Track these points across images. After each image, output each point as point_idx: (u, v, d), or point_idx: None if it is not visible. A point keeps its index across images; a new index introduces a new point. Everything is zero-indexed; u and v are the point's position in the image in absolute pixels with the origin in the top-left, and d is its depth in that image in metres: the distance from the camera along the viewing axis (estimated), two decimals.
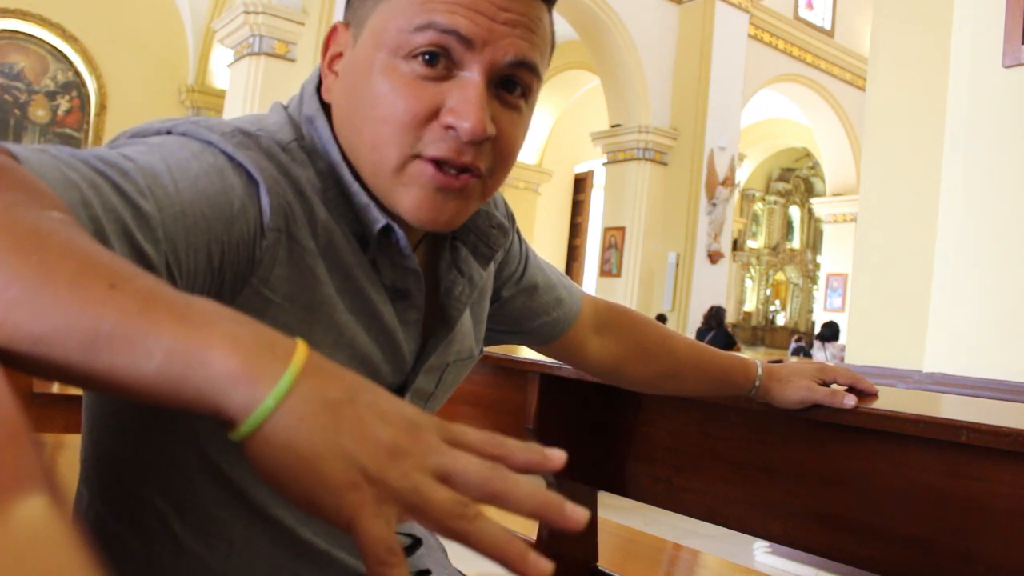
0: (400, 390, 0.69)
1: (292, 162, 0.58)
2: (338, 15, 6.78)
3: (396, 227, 0.60)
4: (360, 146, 0.58)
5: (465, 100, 0.55)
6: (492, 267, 0.79)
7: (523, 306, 0.85)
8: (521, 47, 0.56)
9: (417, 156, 0.57)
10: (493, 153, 0.58)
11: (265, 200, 0.54)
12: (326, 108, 0.63)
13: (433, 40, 0.55)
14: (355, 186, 0.60)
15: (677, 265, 8.95)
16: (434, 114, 0.56)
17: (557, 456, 0.39)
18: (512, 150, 0.60)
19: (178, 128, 0.55)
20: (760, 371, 0.96)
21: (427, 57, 0.55)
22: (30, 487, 0.24)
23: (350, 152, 0.60)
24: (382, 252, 0.62)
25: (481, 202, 0.62)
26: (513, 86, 0.58)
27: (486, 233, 0.70)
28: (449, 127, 0.55)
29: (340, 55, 0.62)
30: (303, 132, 0.61)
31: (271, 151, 0.57)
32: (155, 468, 0.60)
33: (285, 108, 0.64)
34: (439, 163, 0.56)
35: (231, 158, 0.54)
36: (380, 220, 0.59)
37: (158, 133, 0.55)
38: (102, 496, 0.62)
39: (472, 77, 0.56)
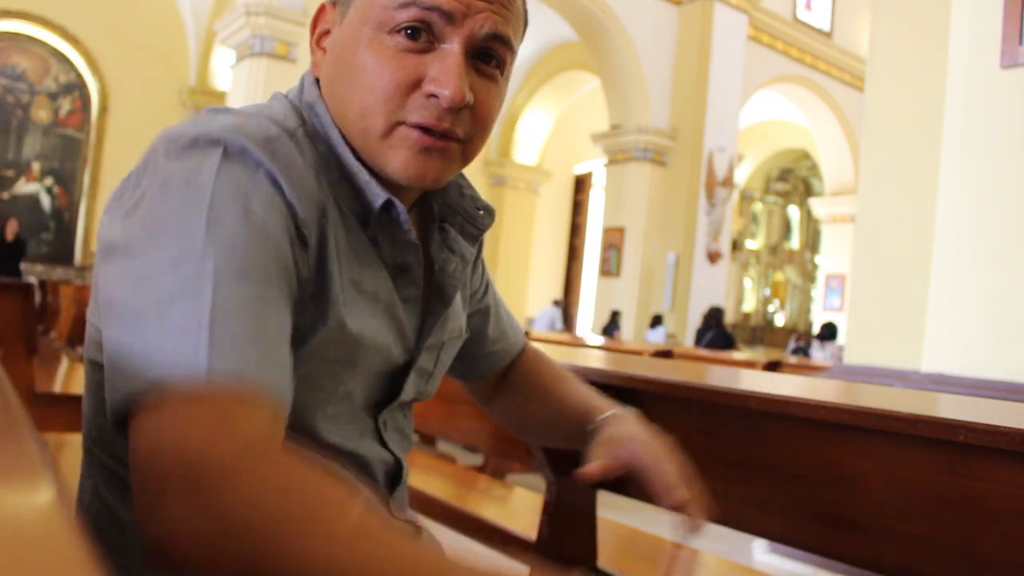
0: (406, 368, 0.70)
1: (303, 151, 0.60)
2: None
3: (397, 202, 0.63)
4: (349, 114, 0.62)
5: (446, 70, 0.59)
6: (479, 252, 0.82)
7: (477, 328, 0.85)
8: (496, 21, 0.61)
9: (401, 123, 0.60)
10: (471, 120, 0.62)
11: (300, 212, 0.56)
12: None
13: (416, 16, 0.59)
14: (356, 165, 0.63)
15: (676, 265, 8.95)
16: (417, 83, 0.60)
17: None
18: (488, 117, 0.64)
19: (223, 143, 0.54)
20: (609, 414, 0.82)
21: (409, 31, 0.59)
22: (33, 484, 0.24)
23: (339, 120, 0.63)
24: (381, 228, 0.64)
25: (462, 164, 0.66)
26: (488, 58, 0.63)
27: (472, 215, 0.73)
28: (431, 95, 0.59)
29: (327, 33, 0.66)
30: (305, 118, 0.64)
31: (294, 152, 0.58)
32: None
33: (286, 96, 0.66)
34: (422, 128, 0.60)
35: (275, 180, 0.55)
36: (382, 196, 0.62)
37: (201, 144, 0.54)
38: (107, 484, 0.63)
39: (452, 48, 0.60)
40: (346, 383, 0.65)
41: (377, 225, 0.64)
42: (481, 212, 0.74)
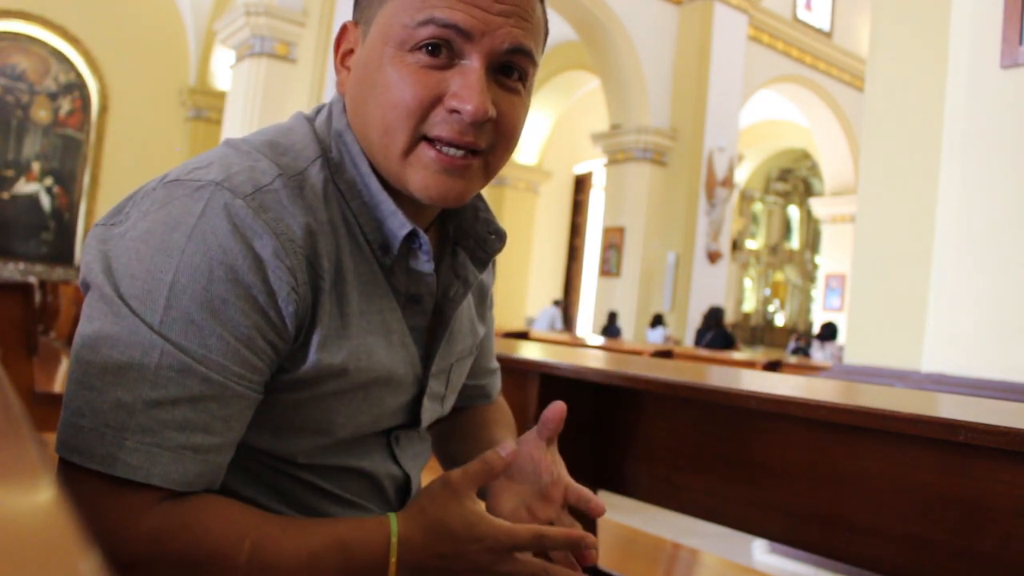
0: (418, 398, 0.70)
1: (304, 192, 0.59)
2: (338, 16, 6.79)
3: (422, 233, 0.63)
4: (372, 131, 0.62)
5: (467, 85, 0.59)
6: (492, 269, 0.81)
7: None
8: (516, 35, 0.61)
9: (423, 137, 0.61)
10: (495, 133, 0.62)
11: (281, 268, 0.56)
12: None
13: (434, 34, 0.59)
14: (383, 195, 0.63)
15: (676, 265, 8.95)
16: (438, 99, 0.60)
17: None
18: (513, 130, 0.64)
19: (204, 200, 0.55)
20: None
21: (429, 48, 0.60)
22: (33, 484, 0.24)
23: (363, 140, 0.63)
24: (400, 258, 0.64)
25: (485, 180, 0.65)
26: (511, 71, 0.62)
27: (484, 239, 0.72)
28: (453, 110, 0.60)
29: (351, 52, 0.66)
30: (329, 145, 0.64)
31: (284, 201, 0.58)
32: None
33: (309, 120, 0.66)
34: (442, 145, 0.60)
35: (249, 244, 0.55)
36: (407, 226, 0.62)
37: (186, 192, 0.56)
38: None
39: (472, 64, 0.60)
40: (359, 418, 0.64)
41: (396, 255, 0.63)
42: (492, 236, 0.72)
